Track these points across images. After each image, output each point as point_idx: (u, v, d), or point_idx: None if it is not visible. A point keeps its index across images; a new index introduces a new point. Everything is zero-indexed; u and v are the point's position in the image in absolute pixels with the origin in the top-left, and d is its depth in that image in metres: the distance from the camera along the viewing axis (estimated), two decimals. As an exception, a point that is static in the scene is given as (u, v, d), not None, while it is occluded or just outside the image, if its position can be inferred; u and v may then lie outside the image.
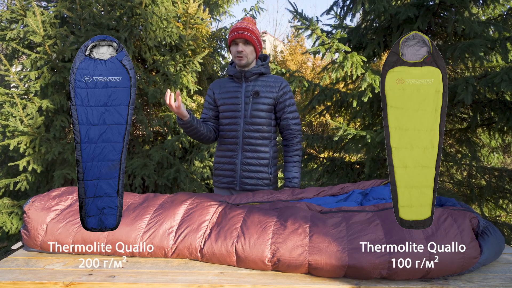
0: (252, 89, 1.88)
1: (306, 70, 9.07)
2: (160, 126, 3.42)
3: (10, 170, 3.14)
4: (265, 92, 1.88)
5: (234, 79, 1.94)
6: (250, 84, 1.90)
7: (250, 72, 1.88)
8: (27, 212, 1.42)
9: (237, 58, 1.85)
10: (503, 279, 1.24)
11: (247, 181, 1.89)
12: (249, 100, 1.87)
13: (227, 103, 1.91)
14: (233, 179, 1.91)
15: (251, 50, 1.86)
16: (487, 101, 2.89)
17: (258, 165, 1.89)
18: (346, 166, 3.59)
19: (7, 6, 3.25)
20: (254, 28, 1.88)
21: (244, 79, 1.90)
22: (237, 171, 1.90)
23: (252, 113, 1.86)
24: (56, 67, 2.96)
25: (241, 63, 1.86)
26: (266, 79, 1.92)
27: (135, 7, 3.07)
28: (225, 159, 1.93)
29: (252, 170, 1.89)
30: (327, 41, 2.82)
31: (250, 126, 1.87)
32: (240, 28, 1.83)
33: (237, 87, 1.91)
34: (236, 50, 1.84)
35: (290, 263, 1.26)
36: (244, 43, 1.84)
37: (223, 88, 1.94)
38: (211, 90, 1.98)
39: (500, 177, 3.06)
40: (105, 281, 1.21)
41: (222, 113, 1.94)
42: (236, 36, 1.83)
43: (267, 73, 1.94)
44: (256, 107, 1.87)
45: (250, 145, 1.88)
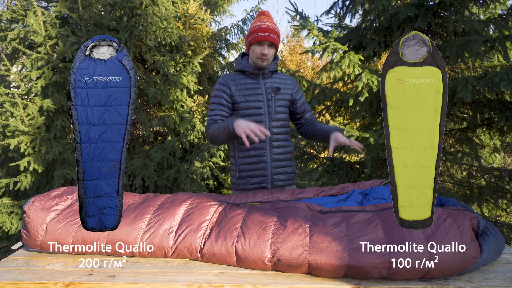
0: (271, 85, 1.89)
1: (306, 70, 9.07)
2: (160, 126, 3.42)
3: (10, 170, 3.14)
4: (284, 89, 1.92)
5: (249, 75, 1.90)
6: (268, 81, 1.90)
7: (267, 70, 1.89)
8: (27, 212, 1.42)
9: (260, 59, 1.83)
10: (503, 279, 1.24)
11: (278, 177, 1.89)
12: (271, 97, 1.87)
13: (249, 100, 1.86)
14: (265, 178, 1.88)
15: (274, 53, 1.86)
16: (486, 101, 2.89)
17: (285, 159, 1.91)
18: (346, 166, 3.59)
19: (7, 6, 3.24)
20: (277, 27, 1.85)
21: (262, 75, 1.90)
22: (269, 169, 1.87)
23: (276, 109, 1.88)
24: (56, 67, 2.96)
25: (263, 65, 1.85)
26: (279, 76, 1.95)
27: (136, 8, 3.07)
28: (253, 158, 1.87)
29: (282, 166, 1.90)
30: (323, 41, 2.82)
31: (275, 122, 1.87)
32: (268, 29, 1.80)
33: (256, 83, 1.89)
34: (261, 52, 1.80)
35: (290, 263, 1.26)
36: (269, 45, 1.82)
37: (240, 85, 1.88)
38: (226, 86, 1.87)
39: (500, 177, 3.06)
40: (105, 281, 1.21)
41: (243, 110, 1.87)
42: (264, 37, 1.79)
43: (277, 70, 1.97)
44: (278, 103, 1.89)
45: (277, 141, 1.88)
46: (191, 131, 3.39)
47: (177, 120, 3.35)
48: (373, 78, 2.74)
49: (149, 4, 3.16)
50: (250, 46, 1.86)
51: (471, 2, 2.87)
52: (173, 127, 3.37)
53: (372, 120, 3.55)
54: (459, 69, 3.47)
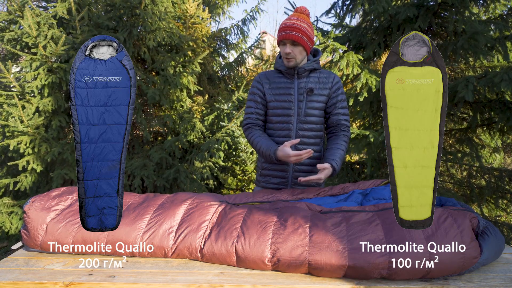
0: (305, 86, 1.78)
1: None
2: (160, 127, 3.42)
3: (10, 170, 3.14)
4: (319, 89, 1.79)
5: (284, 74, 1.83)
6: (303, 80, 1.79)
7: (303, 69, 1.78)
8: (27, 212, 1.42)
9: (286, 59, 1.76)
10: (503, 279, 1.24)
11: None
12: (303, 98, 1.77)
13: (279, 100, 1.80)
14: (285, 180, 1.83)
15: (299, 51, 1.73)
16: (487, 101, 2.89)
17: (310, 164, 1.80)
18: (346, 166, 3.59)
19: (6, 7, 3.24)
20: (304, 24, 1.72)
21: (297, 75, 1.80)
22: (289, 172, 1.82)
23: (306, 111, 1.77)
24: (52, 68, 2.96)
25: (290, 65, 1.76)
26: (318, 75, 1.82)
27: (135, 7, 3.07)
28: None
29: (304, 170, 1.81)
30: (322, 40, 2.83)
31: (304, 125, 1.78)
32: (288, 27, 1.70)
33: (289, 83, 1.80)
34: (284, 51, 1.73)
35: (290, 263, 1.26)
36: (292, 44, 1.72)
37: (273, 84, 1.82)
38: (260, 83, 1.85)
39: (500, 177, 3.06)
40: (105, 281, 1.21)
41: (272, 110, 1.82)
42: (284, 36, 1.71)
43: (318, 68, 1.84)
44: (310, 105, 1.78)
45: (303, 144, 1.78)
46: (191, 131, 3.39)
47: (177, 120, 3.35)
48: (372, 78, 2.74)
49: (149, 3, 3.16)
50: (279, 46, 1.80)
51: (471, 3, 2.87)
52: (172, 127, 3.37)
53: (372, 120, 3.55)
54: (459, 69, 3.47)
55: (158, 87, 3.25)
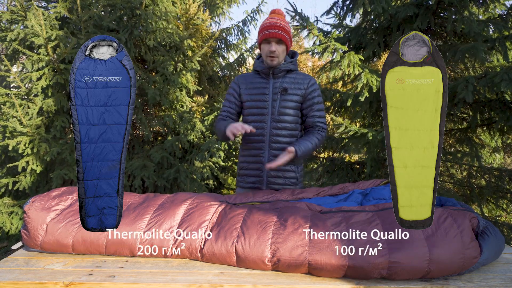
0: (280, 85, 1.82)
1: (307, 70, 9.07)
2: (160, 126, 3.42)
3: (10, 170, 3.14)
4: (293, 89, 1.82)
5: (261, 75, 1.87)
6: (278, 80, 1.84)
7: (278, 69, 1.82)
8: (27, 212, 1.42)
9: (269, 58, 1.79)
10: (503, 279, 1.24)
11: (274, 180, 1.84)
12: (277, 97, 1.81)
13: (254, 100, 1.85)
14: (260, 179, 1.85)
15: (283, 50, 1.79)
16: (487, 101, 2.89)
17: (285, 164, 1.81)
18: (346, 166, 3.59)
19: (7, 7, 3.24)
20: (286, 24, 1.80)
21: (272, 75, 1.84)
22: (264, 170, 1.84)
23: (280, 110, 1.81)
24: (57, 68, 2.96)
25: (273, 64, 1.80)
26: (294, 75, 1.86)
27: (135, 8, 3.07)
28: (251, 158, 1.87)
29: (280, 169, 1.82)
30: (324, 41, 2.83)
31: (278, 124, 1.81)
32: (273, 26, 1.75)
33: (265, 83, 1.85)
34: (269, 49, 1.76)
35: (290, 263, 1.26)
36: (277, 42, 1.77)
37: (250, 84, 1.87)
38: (237, 84, 1.90)
39: (500, 177, 3.06)
40: (105, 281, 1.21)
41: (248, 109, 1.87)
42: (270, 35, 1.75)
43: (295, 70, 1.88)
44: (284, 105, 1.81)
45: (277, 143, 1.81)
46: (191, 131, 3.39)
47: (177, 120, 3.35)
48: (373, 78, 2.74)
49: (149, 4, 3.16)
50: (260, 46, 1.83)
51: (471, 2, 2.87)
52: (173, 127, 3.37)
53: (372, 120, 3.55)
54: (459, 69, 3.47)
55: (158, 87, 3.25)
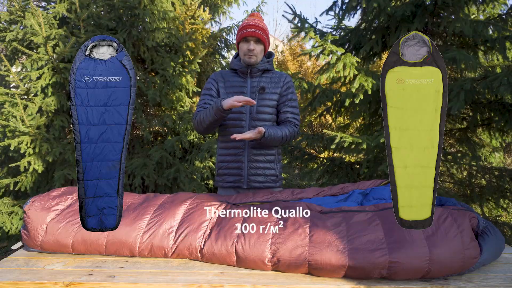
0: (258, 85, 1.85)
1: (307, 70, 9.06)
2: (160, 127, 3.41)
3: (11, 170, 3.14)
4: (271, 88, 1.86)
5: (238, 74, 1.89)
6: (256, 80, 1.86)
7: (256, 68, 1.85)
8: (27, 212, 1.42)
9: (247, 56, 1.82)
10: (503, 279, 1.24)
11: (255, 179, 1.85)
12: (255, 96, 1.83)
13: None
14: (240, 178, 1.85)
15: (261, 49, 1.84)
16: (486, 102, 2.89)
17: (265, 161, 1.85)
18: (346, 166, 3.59)
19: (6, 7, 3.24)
20: (265, 26, 1.85)
21: (250, 74, 1.86)
22: (244, 169, 1.84)
23: (258, 109, 1.82)
24: (57, 67, 2.96)
25: (251, 62, 1.82)
26: (271, 75, 1.90)
27: (134, 8, 3.07)
28: (231, 157, 1.87)
29: (260, 167, 1.85)
30: (320, 43, 2.83)
31: (256, 122, 1.82)
32: (252, 26, 1.80)
33: (242, 82, 1.87)
34: (248, 48, 1.80)
35: (290, 263, 1.26)
36: (256, 41, 1.81)
37: (228, 82, 1.88)
38: (215, 81, 1.91)
39: (501, 177, 3.06)
40: (105, 281, 1.21)
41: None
42: (249, 34, 1.79)
43: (271, 69, 1.92)
44: (262, 103, 1.84)
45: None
46: (191, 131, 3.39)
47: (177, 120, 3.35)
48: (368, 81, 2.76)
49: (148, 3, 3.16)
50: (238, 46, 1.86)
51: (469, 2, 2.87)
52: (172, 127, 3.37)
53: (371, 120, 3.55)
54: (459, 69, 3.47)
55: (157, 88, 3.25)
